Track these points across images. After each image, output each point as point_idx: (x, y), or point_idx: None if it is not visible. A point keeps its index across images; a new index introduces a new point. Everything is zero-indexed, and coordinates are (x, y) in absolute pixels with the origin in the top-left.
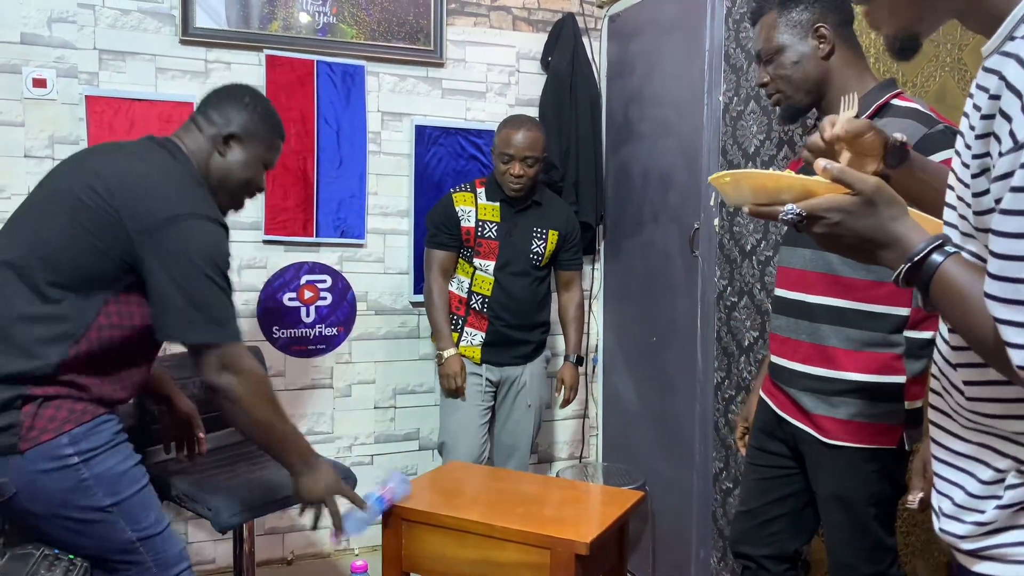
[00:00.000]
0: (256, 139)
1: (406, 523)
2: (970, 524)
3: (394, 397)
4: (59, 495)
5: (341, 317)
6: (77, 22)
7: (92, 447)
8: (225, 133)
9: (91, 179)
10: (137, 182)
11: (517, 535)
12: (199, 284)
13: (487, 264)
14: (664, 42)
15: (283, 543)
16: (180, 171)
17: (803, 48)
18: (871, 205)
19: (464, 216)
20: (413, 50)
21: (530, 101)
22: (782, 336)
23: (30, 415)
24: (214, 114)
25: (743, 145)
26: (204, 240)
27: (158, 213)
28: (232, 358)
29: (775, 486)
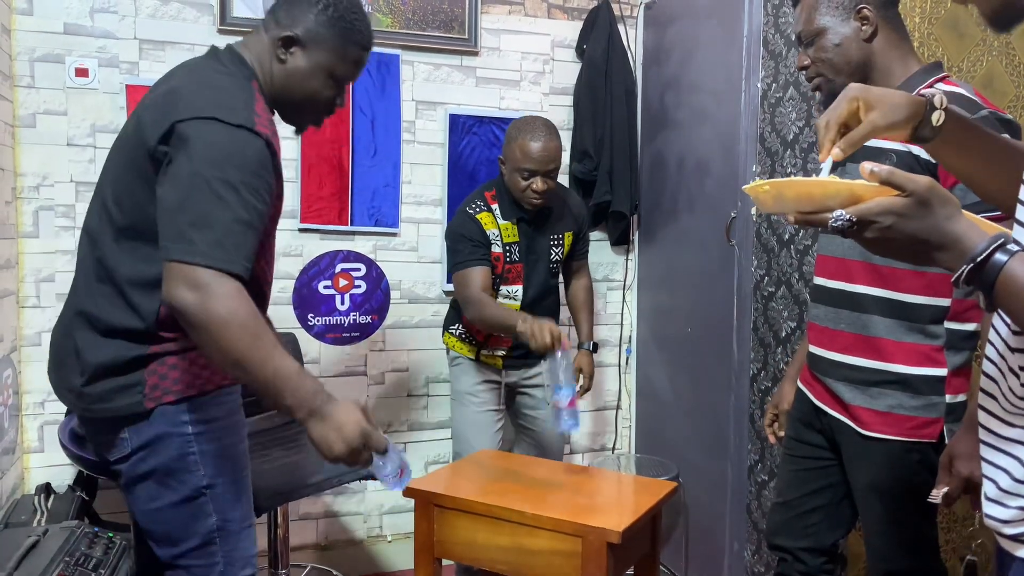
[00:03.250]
0: (322, 45)
1: (438, 509)
2: (1014, 509)
3: (427, 385)
4: (167, 463)
5: (375, 305)
6: (118, 12)
7: (211, 418)
8: (284, 35)
9: (136, 115)
10: (165, 98)
11: (549, 523)
12: (197, 194)
13: (515, 290)
14: (701, 29)
15: (317, 528)
16: (216, 76)
17: (845, 30)
18: (925, 206)
19: (494, 241)
20: (448, 39)
21: (565, 89)
22: (821, 325)
23: (153, 372)
24: (281, 13)
25: (781, 132)
26: (217, 145)
27: (169, 117)
28: (203, 276)
29: (813, 477)
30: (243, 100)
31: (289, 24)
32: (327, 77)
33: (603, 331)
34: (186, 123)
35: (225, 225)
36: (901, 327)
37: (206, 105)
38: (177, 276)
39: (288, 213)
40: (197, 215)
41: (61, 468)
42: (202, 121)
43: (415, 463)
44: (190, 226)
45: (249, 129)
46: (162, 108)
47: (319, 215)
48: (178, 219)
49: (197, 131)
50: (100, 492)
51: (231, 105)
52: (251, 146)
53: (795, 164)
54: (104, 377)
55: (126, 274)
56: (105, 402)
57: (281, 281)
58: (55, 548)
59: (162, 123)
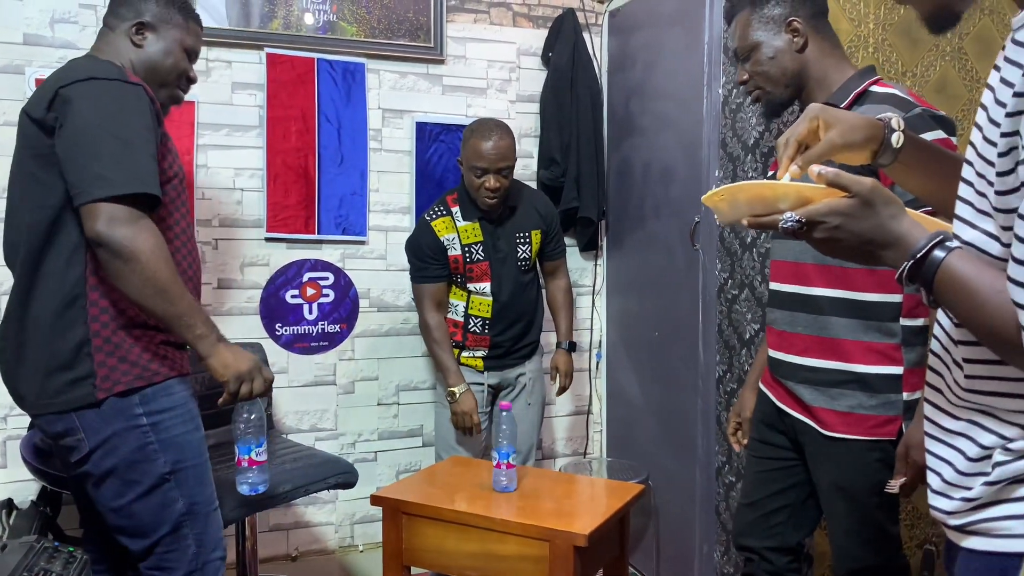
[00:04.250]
0: (169, 24)
1: (407, 517)
2: (958, 500)
3: (397, 394)
4: (127, 455)
5: (343, 314)
6: (79, 23)
7: (163, 408)
8: (136, 23)
9: (20, 118)
10: (39, 89)
11: (517, 528)
12: (98, 140)
13: (483, 286)
14: (664, 36)
15: (287, 539)
16: (79, 61)
17: (778, 43)
18: (869, 206)
19: (450, 245)
20: (413, 47)
21: (531, 97)
22: (778, 329)
23: (102, 364)
24: (123, 9)
25: (743, 137)
26: (103, 97)
27: (51, 88)
28: (129, 210)
29: (777, 477)
30: (111, 66)
31: (135, 15)
32: (181, 51)
33: (574, 336)
34: (68, 87)
35: (132, 158)
36: (859, 326)
37: (81, 72)
38: (103, 214)
39: (254, 222)
40: (104, 156)
41: (25, 484)
42: (81, 82)
43: (386, 472)
44: (100, 167)
45: (124, 80)
46: (42, 91)
47: (285, 224)
48: (88, 166)
49: (79, 90)
50: (65, 507)
51: (102, 68)
52: (130, 92)
53: (756, 168)
54: (55, 372)
55: (51, 263)
56: (59, 396)
57: (248, 291)
58: (13, 563)
59: (44, 96)
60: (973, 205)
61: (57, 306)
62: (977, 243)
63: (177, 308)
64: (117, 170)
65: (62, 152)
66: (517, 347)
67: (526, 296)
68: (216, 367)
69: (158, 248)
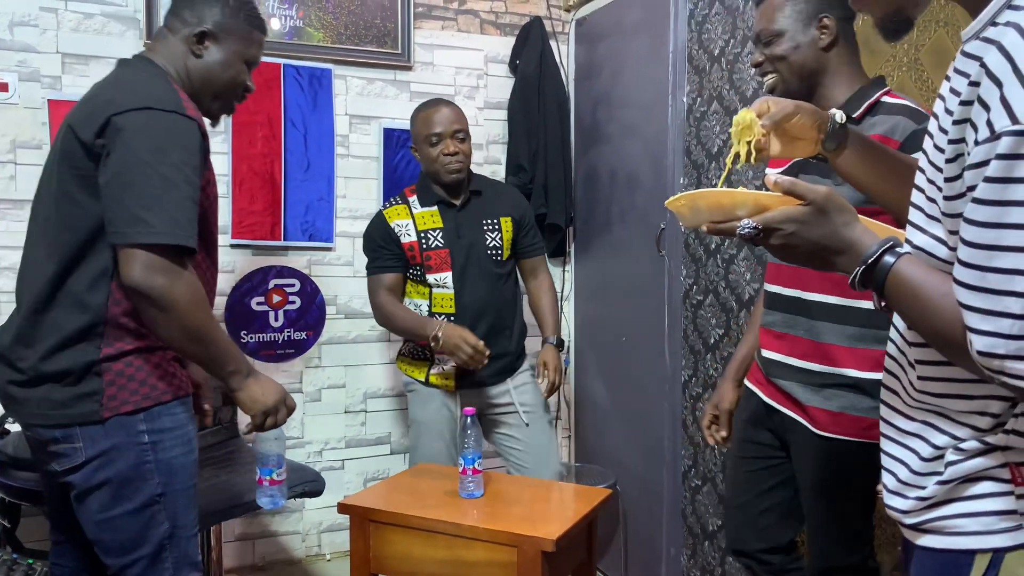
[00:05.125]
0: (233, 34)
1: (374, 524)
2: (912, 499)
3: (364, 401)
4: (123, 472)
5: (310, 321)
6: (39, 26)
7: (165, 428)
8: (197, 32)
9: (63, 129)
10: (88, 101)
11: (485, 534)
12: (146, 180)
13: (443, 277)
14: (630, 45)
15: (254, 549)
16: (136, 75)
17: (804, 37)
18: (823, 213)
19: (402, 231)
20: (381, 53)
21: (499, 104)
22: (778, 331)
23: (111, 383)
24: (186, 13)
25: (706, 145)
26: (154, 130)
27: (104, 112)
28: (171, 261)
29: (765, 477)
30: (168, 90)
31: (197, 21)
32: (241, 63)
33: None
34: (121, 115)
35: (175, 203)
36: (856, 333)
37: (137, 98)
38: (141, 260)
39: (219, 228)
40: (147, 197)
41: None
42: (136, 111)
43: (354, 480)
44: (142, 208)
45: (181, 113)
46: (92, 109)
47: (251, 230)
48: (128, 203)
49: (132, 120)
50: (24, 519)
51: (159, 95)
52: (185, 128)
53: (719, 176)
54: (62, 386)
55: (74, 281)
56: (63, 408)
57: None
58: None
59: (96, 120)
60: (924, 211)
61: (73, 328)
62: (927, 248)
63: (210, 352)
64: (159, 215)
65: (105, 183)
66: (494, 356)
67: (500, 293)
68: (245, 401)
69: (195, 297)
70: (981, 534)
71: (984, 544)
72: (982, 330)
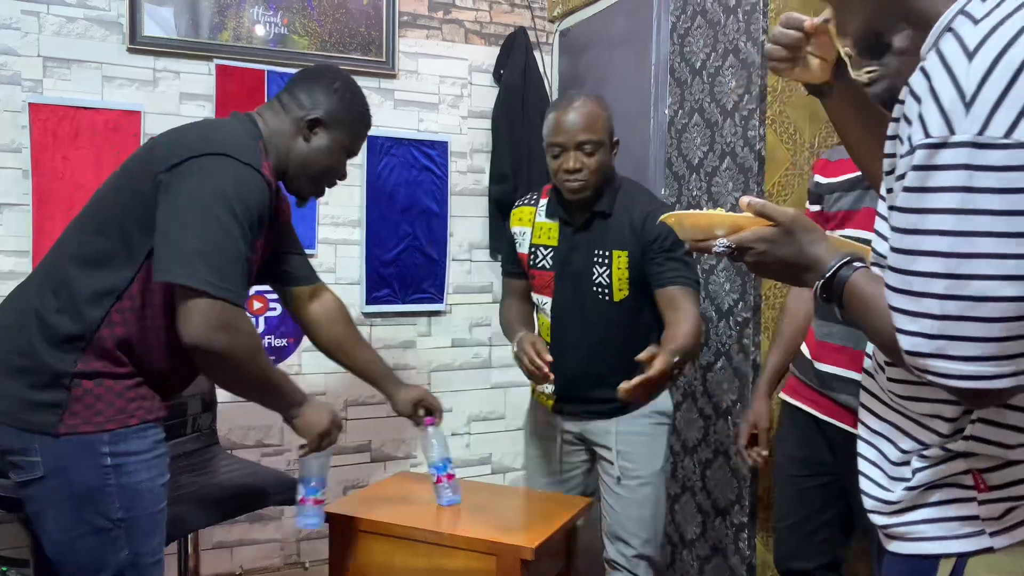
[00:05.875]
0: (342, 126)
1: (354, 533)
2: (881, 502)
3: (345, 409)
4: (82, 493)
5: (291, 328)
6: (21, 29)
7: (130, 451)
8: (311, 118)
9: (148, 148)
10: (186, 131)
11: (464, 542)
12: (205, 224)
13: (543, 301)
14: (613, 56)
15: (231, 557)
16: (231, 126)
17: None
18: (790, 234)
19: (519, 239)
20: (365, 61)
21: (483, 113)
22: (837, 344)
23: (76, 399)
24: (302, 96)
25: (687, 157)
26: (224, 178)
27: (187, 151)
28: (230, 316)
29: (817, 495)
30: (253, 147)
31: (311, 107)
32: (344, 153)
33: None
34: (200, 158)
35: (233, 257)
36: None
37: (219, 144)
38: (203, 315)
39: None
40: (207, 243)
41: None
42: (215, 156)
43: (334, 488)
44: (198, 254)
45: (256, 169)
46: (177, 142)
47: None
48: (184, 243)
49: (209, 164)
50: None
51: (241, 147)
52: (257, 185)
53: (700, 187)
54: (27, 388)
55: (81, 286)
56: (22, 411)
57: None
58: None
59: (176, 154)
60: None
61: (60, 334)
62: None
63: (268, 393)
64: (223, 269)
65: (166, 215)
66: (592, 399)
67: (599, 333)
68: (301, 428)
69: (254, 348)
70: (945, 539)
71: (947, 549)
72: (907, 330)
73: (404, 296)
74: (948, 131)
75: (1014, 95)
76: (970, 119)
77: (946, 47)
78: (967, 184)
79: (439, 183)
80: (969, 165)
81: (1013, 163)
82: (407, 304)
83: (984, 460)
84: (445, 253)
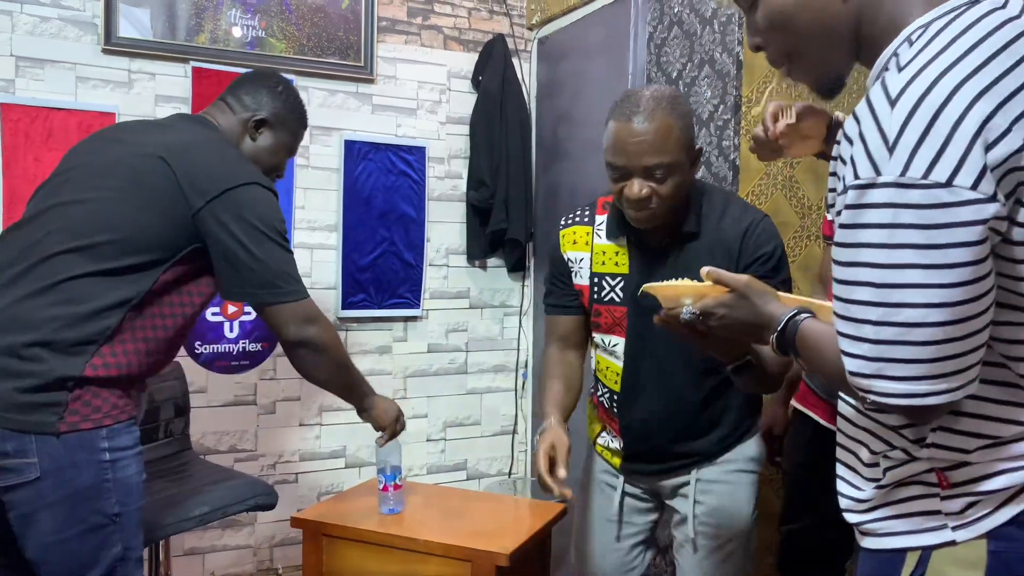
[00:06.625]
0: (285, 126)
1: (327, 539)
2: (853, 500)
3: (320, 415)
4: (80, 490)
5: (266, 333)
6: None
7: (124, 446)
8: (257, 118)
9: (152, 152)
10: (196, 154)
11: (439, 548)
12: (268, 246)
13: (612, 343)
14: (591, 64)
15: (203, 564)
16: (226, 143)
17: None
18: (744, 297)
19: (576, 267)
20: (343, 66)
21: (461, 119)
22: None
23: (77, 398)
24: (247, 98)
25: None
26: (265, 205)
27: (219, 183)
28: (311, 310)
29: (825, 501)
30: (251, 165)
31: (256, 108)
32: (286, 153)
33: (500, 356)
34: (236, 189)
35: (292, 264)
36: None
37: (243, 172)
38: (291, 317)
39: None
40: (277, 263)
41: None
42: (248, 187)
43: (308, 494)
44: (277, 275)
45: (271, 190)
46: (198, 171)
47: None
48: (264, 272)
49: (247, 195)
50: None
51: (255, 172)
52: (277, 201)
53: None
54: (25, 390)
55: (96, 297)
56: (20, 413)
57: None
58: None
59: (208, 187)
60: None
61: (70, 340)
62: None
63: (352, 380)
64: (289, 278)
65: (233, 251)
66: (669, 455)
67: (687, 381)
68: (378, 417)
69: (335, 332)
70: (911, 533)
71: (913, 543)
72: (851, 353)
73: (380, 301)
74: (875, 172)
75: (931, 139)
76: (893, 162)
77: (874, 94)
78: (892, 221)
79: (416, 188)
80: (894, 204)
81: (930, 201)
82: (383, 309)
83: (946, 461)
84: (422, 258)
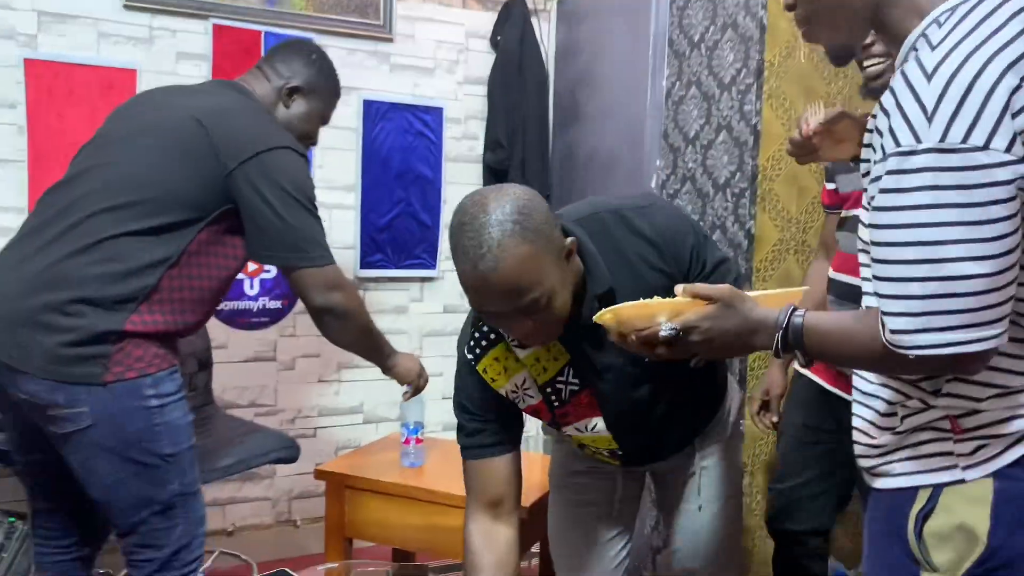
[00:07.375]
0: (318, 94)
1: (349, 490)
2: (868, 447)
3: (339, 371)
4: (132, 434)
5: (286, 290)
6: None
7: (168, 392)
8: (291, 86)
9: (188, 115)
10: (231, 117)
11: (460, 500)
12: (296, 211)
13: (591, 425)
14: (611, 26)
15: (224, 514)
16: (261, 109)
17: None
18: (730, 306)
19: (516, 395)
20: (362, 24)
21: (479, 79)
22: None
23: (120, 349)
24: (281, 66)
25: (684, 129)
26: (296, 170)
27: (252, 145)
28: (335, 276)
29: (822, 462)
30: (284, 130)
31: (290, 76)
32: (319, 120)
33: None
34: (268, 152)
35: (319, 230)
36: None
37: (276, 136)
38: (316, 282)
39: None
40: (304, 228)
41: None
42: (280, 150)
43: (326, 448)
44: (303, 239)
45: (303, 155)
46: (234, 133)
47: None
48: (291, 235)
49: (278, 159)
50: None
51: (288, 137)
52: (308, 167)
53: (696, 160)
54: (69, 344)
55: (136, 255)
56: (69, 366)
57: None
58: None
59: (244, 150)
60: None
61: (111, 297)
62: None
63: (375, 342)
64: (316, 243)
65: (263, 213)
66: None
67: (672, 401)
68: (402, 374)
69: (360, 300)
70: (923, 473)
71: (925, 481)
72: (894, 312)
73: (397, 261)
74: (915, 140)
75: (966, 110)
76: (932, 130)
77: (909, 70)
78: (934, 183)
79: (433, 149)
80: (934, 167)
81: (969, 164)
82: (400, 269)
83: (959, 409)
84: (438, 219)
